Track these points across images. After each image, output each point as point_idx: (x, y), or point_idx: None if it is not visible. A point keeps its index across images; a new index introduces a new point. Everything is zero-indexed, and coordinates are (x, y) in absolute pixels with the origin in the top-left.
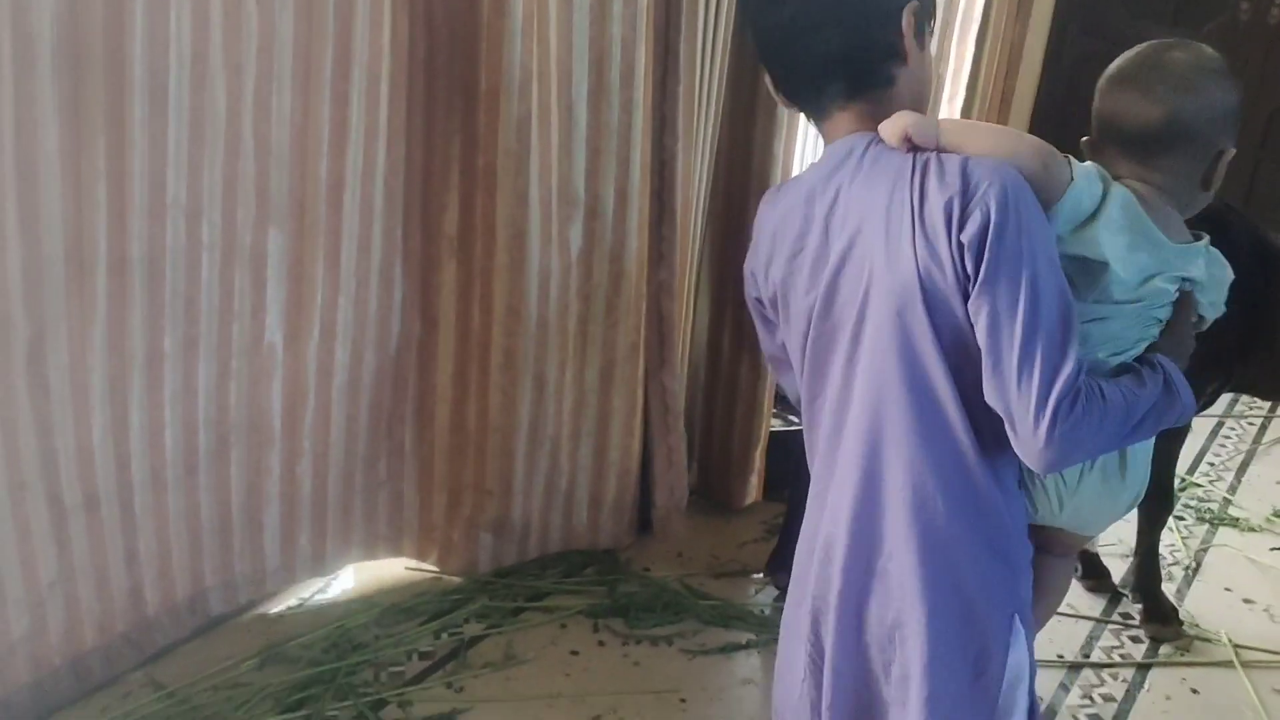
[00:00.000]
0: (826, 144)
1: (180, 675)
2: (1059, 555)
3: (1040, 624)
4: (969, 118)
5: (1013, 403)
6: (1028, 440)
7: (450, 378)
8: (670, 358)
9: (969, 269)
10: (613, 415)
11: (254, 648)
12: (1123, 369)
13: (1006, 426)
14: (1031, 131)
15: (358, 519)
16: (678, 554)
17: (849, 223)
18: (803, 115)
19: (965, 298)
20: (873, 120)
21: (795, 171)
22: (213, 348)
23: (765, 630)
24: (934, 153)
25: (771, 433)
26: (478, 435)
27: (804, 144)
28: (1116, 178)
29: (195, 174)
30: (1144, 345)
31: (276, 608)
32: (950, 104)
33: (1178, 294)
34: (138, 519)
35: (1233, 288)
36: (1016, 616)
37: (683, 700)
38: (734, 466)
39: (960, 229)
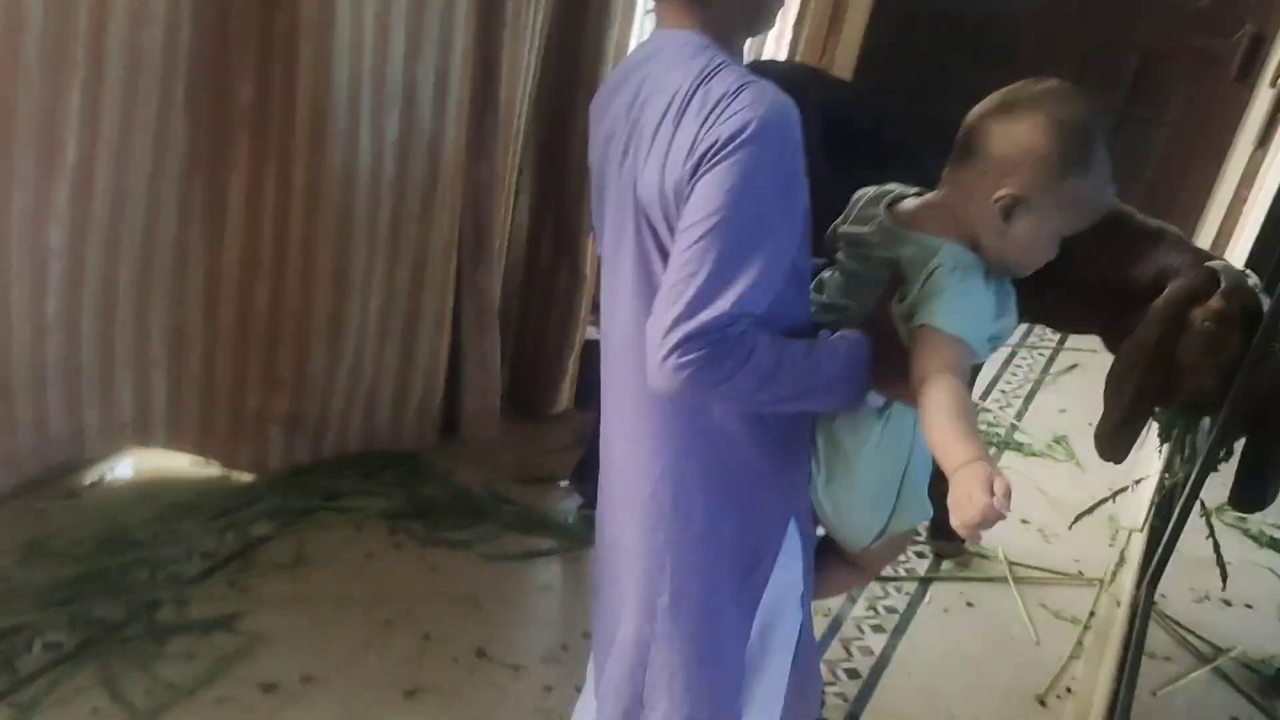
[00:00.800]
0: (656, 28)
1: None
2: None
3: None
4: (799, 27)
5: (651, 319)
6: (649, 362)
7: (238, 257)
8: (487, 257)
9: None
10: (422, 316)
11: (16, 541)
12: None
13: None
14: (865, 42)
15: (126, 398)
16: (482, 458)
17: (644, 119)
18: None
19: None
20: (700, 10)
21: None
22: None
23: (567, 538)
24: (726, 64)
25: (586, 341)
26: (269, 322)
27: (638, 42)
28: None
29: None
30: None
31: (44, 501)
32: (782, 14)
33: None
34: None
35: None
36: (793, 522)
37: (479, 606)
38: (546, 372)
39: (695, 150)
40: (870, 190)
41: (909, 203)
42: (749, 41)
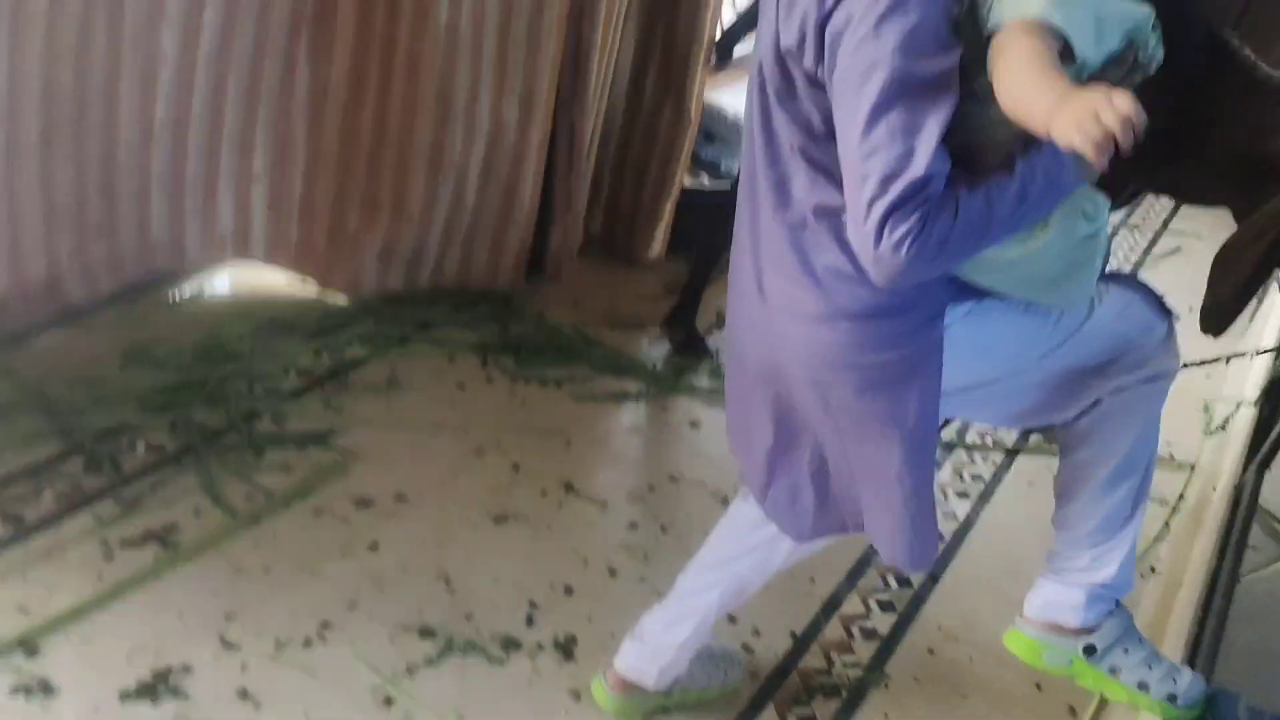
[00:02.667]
0: None
1: (35, 365)
2: None
3: None
4: None
5: (849, 202)
6: (858, 247)
7: (345, 73)
8: (583, 91)
9: (826, 60)
10: (527, 154)
11: (118, 346)
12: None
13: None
14: None
15: (226, 210)
16: (573, 301)
17: None
18: None
19: (819, 86)
20: None
21: None
22: (79, 4)
23: (655, 383)
24: None
25: (684, 189)
26: (372, 146)
27: None
28: None
29: None
30: None
31: (144, 309)
32: None
33: None
34: None
35: (1178, 76)
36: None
37: (568, 442)
38: (641, 217)
39: (826, 18)
40: None
41: None
42: None
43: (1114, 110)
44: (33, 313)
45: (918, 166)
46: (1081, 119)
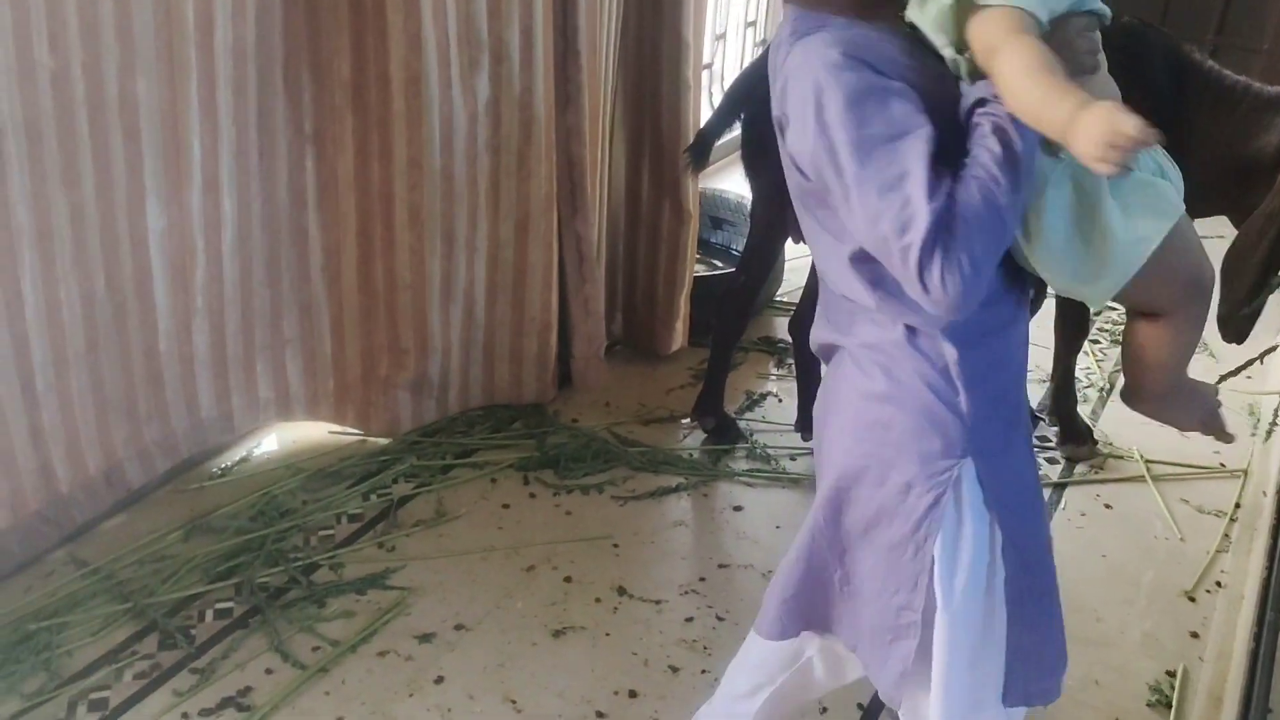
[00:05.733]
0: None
1: (103, 551)
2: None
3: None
4: None
5: (892, 269)
6: (921, 300)
7: (354, 234)
8: (583, 205)
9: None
10: (530, 270)
11: (178, 520)
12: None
13: None
14: None
15: (265, 377)
16: (605, 403)
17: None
18: None
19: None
20: None
21: (709, 13)
22: (96, 213)
23: (694, 473)
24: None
25: (695, 277)
26: (388, 294)
27: None
28: None
29: (58, 22)
30: None
31: (199, 480)
32: None
33: None
34: (40, 397)
35: (1148, 98)
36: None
37: (615, 545)
38: (659, 313)
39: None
40: None
41: None
42: None
43: (1131, 131)
44: (97, 503)
45: (919, 207)
46: (1104, 140)
